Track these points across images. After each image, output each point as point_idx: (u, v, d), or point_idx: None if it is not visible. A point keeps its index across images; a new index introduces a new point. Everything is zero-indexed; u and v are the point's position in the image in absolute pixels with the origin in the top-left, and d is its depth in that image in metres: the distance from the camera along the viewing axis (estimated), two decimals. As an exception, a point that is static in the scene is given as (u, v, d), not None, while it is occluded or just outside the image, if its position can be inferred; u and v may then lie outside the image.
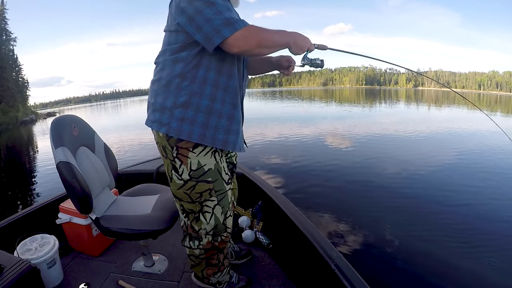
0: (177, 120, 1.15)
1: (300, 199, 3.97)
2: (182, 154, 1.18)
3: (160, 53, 1.22)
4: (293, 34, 1.15)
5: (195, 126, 1.14)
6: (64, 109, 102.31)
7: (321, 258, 1.33)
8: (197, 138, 1.15)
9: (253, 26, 1.05)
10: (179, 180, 1.22)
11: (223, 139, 1.19)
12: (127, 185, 1.97)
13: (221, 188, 1.26)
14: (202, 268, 1.41)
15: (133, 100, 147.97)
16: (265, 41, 1.07)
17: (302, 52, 1.19)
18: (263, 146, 7.67)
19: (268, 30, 1.08)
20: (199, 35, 1.04)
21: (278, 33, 1.11)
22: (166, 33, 1.18)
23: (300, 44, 1.16)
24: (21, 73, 46.30)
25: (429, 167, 5.66)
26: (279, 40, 1.12)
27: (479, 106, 4.97)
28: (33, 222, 1.85)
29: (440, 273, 2.45)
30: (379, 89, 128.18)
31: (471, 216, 3.56)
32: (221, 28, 1.00)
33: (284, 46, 1.15)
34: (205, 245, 1.33)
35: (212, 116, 1.16)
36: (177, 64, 1.14)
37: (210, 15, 1.00)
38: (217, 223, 1.29)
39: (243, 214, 2.18)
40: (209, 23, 1.00)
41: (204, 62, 1.13)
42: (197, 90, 1.13)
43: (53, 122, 1.45)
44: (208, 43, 1.03)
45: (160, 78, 1.18)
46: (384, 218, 3.47)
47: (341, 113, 18.44)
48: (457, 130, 10.12)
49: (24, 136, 18.80)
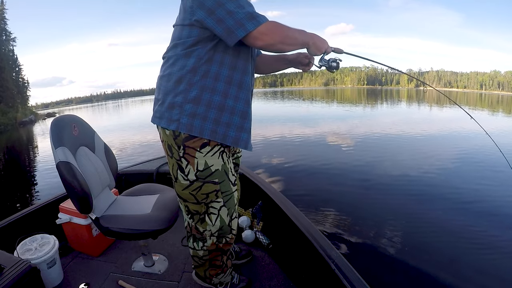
0: (187, 115, 1.12)
1: (300, 199, 3.96)
2: (189, 153, 1.15)
3: (169, 48, 1.19)
4: (312, 35, 1.15)
5: (207, 122, 1.12)
6: (65, 109, 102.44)
7: (321, 258, 1.33)
8: (208, 134, 1.13)
9: (277, 22, 1.05)
10: (184, 180, 1.20)
11: (235, 136, 1.17)
12: (127, 185, 1.97)
13: (228, 189, 1.24)
14: (205, 269, 1.41)
15: (134, 100, 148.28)
16: (288, 37, 1.07)
17: (320, 53, 1.19)
18: (264, 146, 7.67)
19: (290, 27, 1.08)
20: (220, 28, 1.02)
21: (299, 32, 1.11)
22: (177, 28, 1.15)
23: (318, 46, 1.16)
24: (21, 73, 46.08)
25: (429, 167, 5.64)
26: (301, 39, 1.11)
27: (459, 104, 4.96)
28: (33, 222, 1.85)
29: (440, 273, 2.44)
30: (381, 89, 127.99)
31: (473, 216, 3.55)
32: (244, 21, 0.99)
33: (303, 46, 1.15)
34: (209, 246, 1.32)
35: (225, 113, 1.14)
36: (189, 59, 1.12)
37: (232, 8, 0.99)
38: (223, 225, 1.27)
39: (243, 214, 2.18)
40: (231, 16, 0.99)
41: (217, 58, 1.11)
42: (209, 85, 1.12)
43: (53, 122, 1.45)
44: (230, 36, 1.02)
45: (171, 73, 1.15)
46: (384, 218, 3.46)
47: (342, 113, 18.41)
48: (456, 130, 10.08)
49: (23, 137, 18.70)
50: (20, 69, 46.07)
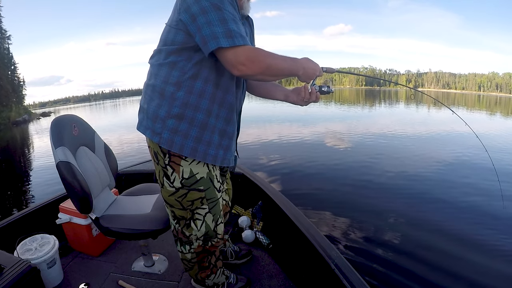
0: (169, 131, 1.11)
1: (300, 199, 3.95)
2: (174, 162, 1.15)
3: (155, 53, 1.16)
4: (303, 62, 1.09)
5: (188, 140, 1.11)
6: (60, 108, 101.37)
7: (321, 258, 1.34)
8: (188, 152, 1.12)
9: (259, 50, 0.99)
10: (170, 187, 1.19)
11: (214, 154, 1.16)
12: (127, 185, 1.97)
13: (213, 196, 1.24)
14: (196, 272, 1.41)
15: (132, 99, 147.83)
16: (270, 68, 0.99)
17: (310, 80, 1.16)
18: (264, 146, 7.67)
19: (276, 56, 1.02)
20: (198, 36, 0.98)
21: (286, 61, 1.05)
22: (166, 28, 1.11)
23: (309, 73, 1.11)
24: (16, 72, 45.28)
25: (429, 166, 5.67)
26: (287, 69, 1.05)
27: (443, 102, 5.01)
28: (33, 222, 1.85)
29: (440, 273, 2.45)
30: (379, 90, 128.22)
31: (473, 215, 3.56)
32: (219, 35, 0.94)
33: (292, 75, 1.09)
34: (196, 248, 1.32)
35: (206, 131, 1.12)
36: (172, 71, 1.09)
37: (213, 19, 0.95)
38: (208, 230, 1.27)
39: (243, 214, 2.18)
40: (209, 27, 0.95)
41: (202, 74, 1.08)
42: (193, 102, 1.09)
43: (53, 122, 1.44)
44: (204, 47, 0.98)
45: (155, 85, 1.13)
46: (384, 218, 3.47)
47: (341, 113, 18.44)
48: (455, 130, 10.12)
49: (17, 137, 18.39)
50: (16, 68, 45.37)
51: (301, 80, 1.15)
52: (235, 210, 2.24)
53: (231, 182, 1.67)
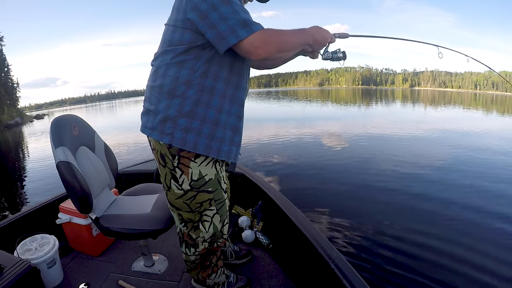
0: (181, 130, 1.09)
1: (300, 199, 3.95)
2: (184, 163, 1.14)
3: (159, 54, 1.14)
4: (312, 31, 1.11)
5: (201, 137, 1.10)
6: (55, 110, 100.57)
7: (321, 258, 1.34)
8: (202, 149, 1.11)
9: (270, 30, 1.00)
10: (178, 190, 1.18)
11: (227, 150, 1.16)
12: (127, 185, 1.97)
13: (221, 197, 1.24)
14: (197, 272, 1.41)
15: (128, 101, 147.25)
16: (284, 45, 1.02)
17: (323, 47, 1.17)
18: (263, 146, 7.68)
19: (286, 32, 1.03)
20: (212, 33, 0.98)
21: (296, 34, 1.07)
22: (169, 28, 1.10)
23: (320, 41, 1.13)
24: (9, 74, 44.80)
25: (428, 166, 5.70)
26: (299, 41, 1.08)
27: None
28: (33, 222, 1.84)
29: (440, 272, 2.47)
30: (376, 89, 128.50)
31: (472, 215, 3.57)
32: (236, 27, 0.95)
33: (304, 46, 1.12)
34: (200, 251, 1.32)
35: (219, 128, 1.12)
36: (182, 70, 1.08)
37: (226, 13, 0.96)
38: (215, 231, 1.28)
39: (243, 214, 2.18)
40: (224, 22, 0.95)
41: (212, 71, 1.08)
42: (204, 99, 1.09)
43: (54, 122, 1.44)
44: (221, 43, 0.98)
45: (162, 85, 1.11)
46: (384, 217, 3.48)
47: (339, 113, 18.50)
48: (453, 129, 10.18)
49: (9, 141, 18.07)
50: (9, 70, 44.87)
51: (313, 49, 1.16)
52: (235, 210, 2.24)
53: (231, 182, 1.67)
